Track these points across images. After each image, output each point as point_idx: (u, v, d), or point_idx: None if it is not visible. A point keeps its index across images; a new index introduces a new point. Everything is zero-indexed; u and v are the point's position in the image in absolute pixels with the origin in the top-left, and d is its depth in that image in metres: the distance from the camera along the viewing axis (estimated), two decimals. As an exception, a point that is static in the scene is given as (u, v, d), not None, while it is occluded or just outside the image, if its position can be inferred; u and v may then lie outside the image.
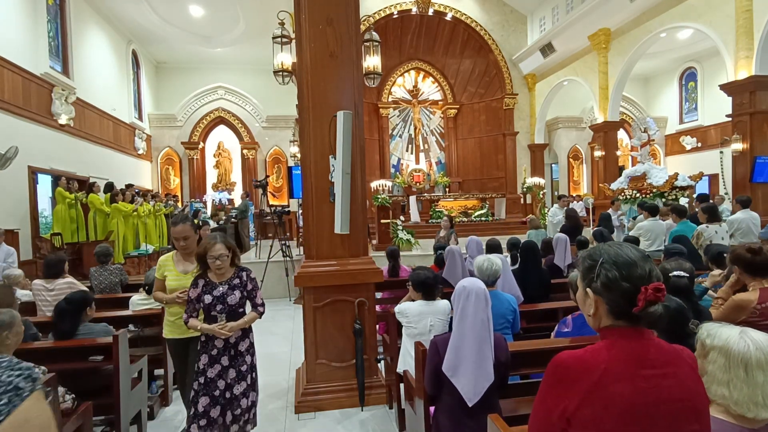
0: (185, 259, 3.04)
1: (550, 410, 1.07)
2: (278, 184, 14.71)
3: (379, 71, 6.54)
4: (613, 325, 1.10)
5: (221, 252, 2.65)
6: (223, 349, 2.68)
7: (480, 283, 2.16)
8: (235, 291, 2.69)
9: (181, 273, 3.01)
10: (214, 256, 2.63)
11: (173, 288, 2.94)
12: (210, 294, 2.66)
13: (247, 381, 2.73)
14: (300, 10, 3.70)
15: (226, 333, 2.60)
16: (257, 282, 2.83)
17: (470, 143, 15.84)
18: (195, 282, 2.71)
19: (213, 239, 2.68)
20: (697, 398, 1.06)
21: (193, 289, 2.70)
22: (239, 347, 2.73)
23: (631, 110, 16.61)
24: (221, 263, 2.65)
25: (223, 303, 2.64)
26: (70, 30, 9.58)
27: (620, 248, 1.12)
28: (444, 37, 14.91)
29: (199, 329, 2.66)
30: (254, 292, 2.79)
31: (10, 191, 7.51)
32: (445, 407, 2.15)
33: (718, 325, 1.47)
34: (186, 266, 3.02)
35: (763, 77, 8.05)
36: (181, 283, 2.95)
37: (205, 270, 2.71)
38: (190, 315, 2.70)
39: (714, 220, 5.40)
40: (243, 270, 2.79)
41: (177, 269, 3.01)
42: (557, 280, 4.42)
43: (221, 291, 2.66)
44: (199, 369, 2.68)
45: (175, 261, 3.04)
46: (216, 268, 2.66)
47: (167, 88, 14.76)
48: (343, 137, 3.41)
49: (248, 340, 2.80)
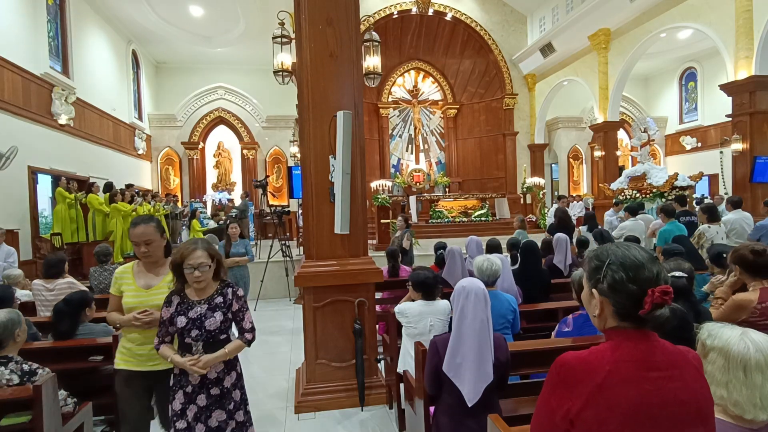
0: (149, 270, 2.43)
1: (554, 411, 1.07)
2: (278, 184, 14.71)
3: (379, 71, 6.54)
4: (619, 327, 1.09)
5: (201, 260, 2.11)
6: (199, 386, 2.15)
7: (479, 283, 2.16)
8: (215, 313, 2.15)
9: (142, 288, 2.37)
10: (192, 265, 2.10)
11: (131, 307, 2.34)
12: (184, 315, 2.12)
13: (237, 419, 2.24)
14: (300, 10, 3.70)
15: (199, 370, 2.06)
16: (246, 301, 2.32)
17: (470, 143, 15.84)
18: (168, 299, 2.20)
19: (193, 244, 2.17)
20: (702, 400, 1.05)
21: (166, 308, 2.18)
22: (225, 383, 2.21)
23: (631, 110, 16.61)
24: (201, 275, 2.11)
25: (200, 328, 2.11)
26: (70, 30, 9.58)
27: (628, 249, 1.10)
28: (444, 37, 14.91)
29: (169, 360, 2.13)
30: (241, 313, 2.26)
31: (10, 191, 7.50)
32: (445, 407, 2.15)
33: (719, 326, 1.46)
34: (149, 280, 2.40)
35: (763, 77, 8.04)
36: (142, 300, 2.34)
37: (182, 284, 2.19)
38: (162, 340, 2.19)
39: (714, 220, 5.41)
40: (228, 286, 2.26)
41: (137, 283, 2.39)
42: (557, 280, 4.42)
43: (198, 312, 2.13)
44: (174, 412, 2.16)
45: (135, 273, 2.42)
46: (194, 282, 2.13)
47: (167, 88, 14.76)
48: (343, 137, 3.40)
49: (235, 373, 2.27)
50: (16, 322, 2.42)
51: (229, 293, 2.24)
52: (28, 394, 2.23)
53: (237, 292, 2.27)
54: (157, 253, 2.42)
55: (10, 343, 2.39)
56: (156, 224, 2.40)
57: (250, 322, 2.29)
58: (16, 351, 2.45)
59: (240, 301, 2.26)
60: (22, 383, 2.32)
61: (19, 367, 2.36)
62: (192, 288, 2.19)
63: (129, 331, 2.38)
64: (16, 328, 2.41)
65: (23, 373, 2.35)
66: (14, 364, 2.36)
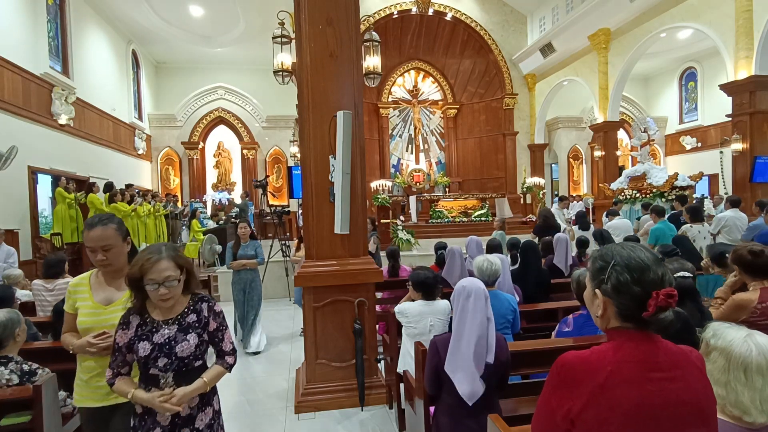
0: (109, 281, 2.01)
1: (554, 411, 1.06)
2: (278, 184, 14.71)
3: (379, 71, 6.54)
4: (621, 327, 1.09)
5: (167, 274, 1.70)
6: (170, 428, 1.74)
7: (479, 283, 2.16)
8: (188, 335, 1.76)
9: (100, 304, 1.97)
10: (155, 279, 1.68)
11: (87, 328, 1.92)
12: (148, 340, 1.71)
13: None
14: (300, 10, 3.70)
15: (173, 407, 1.66)
16: (224, 317, 1.91)
17: (470, 143, 15.83)
18: (125, 319, 1.76)
19: (156, 253, 1.73)
20: (705, 401, 1.05)
21: (122, 331, 1.74)
22: (197, 423, 1.78)
23: (631, 110, 16.61)
24: (167, 292, 1.70)
25: (170, 355, 1.71)
26: (70, 30, 9.57)
27: (633, 250, 1.09)
28: (444, 37, 14.90)
29: (130, 398, 1.71)
30: (220, 333, 1.87)
31: (10, 191, 7.50)
32: (445, 407, 2.15)
33: (726, 326, 1.45)
34: (109, 294, 2.00)
35: (763, 77, 8.04)
36: (100, 320, 1.93)
37: (142, 301, 1.76)
38: (117, 372, 1.76)
39: (697, 220, 5.71)
40: (203, 300, 1.86)
41: (94, 298, 1.98)
42: (557, 280, 4.42)
43: (166, 336, 1.73)
44: None
45: (92, 285, 2.01)
46: (159, 300, 1.71)
47: (167, 88, 14.76)
48: (343, 137, 3.40)
49: (211, 409, 1.85)
50: (16, 322, 2.42)
51: (204, 309, 1.84)
52: (28, 394, 2.23)
53: (214, 307, 1.87)
54: (118, 261, 1.99)
55: (10, 343, 2.40)
56: (117, 225, 1.99)
57: (231, 343, 1.91)
58: (16, 351, 2.46)
59: (218, 319, 1.87)
60: (22, 383, 2.32)
61: (19, 367, 2.36)
62: (156, 306, 1.76)
63: (84, 359, 1.95)
64: (16, 328, 2.42)
65: (23, 373, 2.35)
66: (14, 364, 2.36)
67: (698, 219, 5.74)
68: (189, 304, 1.84)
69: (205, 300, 1.88)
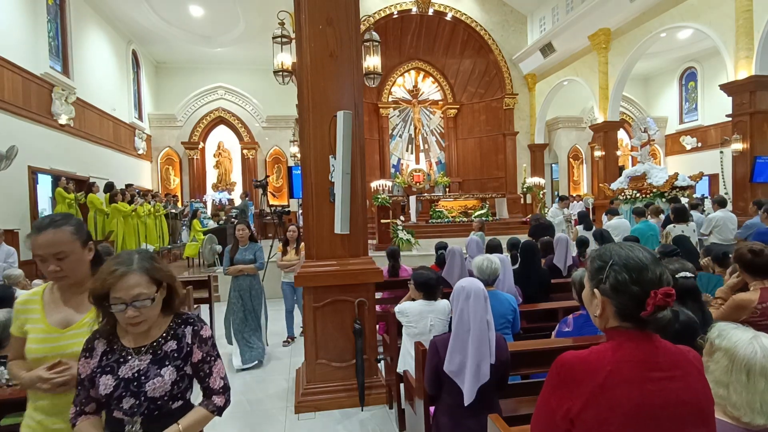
0: (66, 299, 1.60)
1: (554, 411, 1.06)
2: (278, 184, 14.72)
3: (379, 71, 6.54)
4: (620, 327, 1.09)
5: (138, 291, 1.35)
6: None
7: (479, 283, 2.16)
8: (163, 368, 1.39)
9: (56, 327, 1.55)
10: (121, 298, 1.33)
11: (39, 357, 1.51)
12: (112, 374, 1.36)
13: None
14: (300, 10, 3.70)
15: None
16: (214, 344, 1.53)
17: (470, 143, 15.84)
18: (89, 345, 1.41)
19: (123, 264, 1.37)
20: (704, 401, 1.05)
21: (85, 359, 1.39)
22: None
23: (631, 110, 16.61)
24: (137, 314, 1.35)
25: (138, 394, 1.36)
26: (70, 30, 9.58)
27: (631, 250, 1.10)
28: (444, 37, 14.90)
29: None
30: (207, 366, 1.48)
31: (10, 191, 7.50)
32: (445, 407, 2.15)
33: (732, 327, 1.44)
34: (67, 314, 1.58)
35: (763, 77, 8.04)
36: (55, 347, 1.52)
37: (110, 323, 1.41)
38: (81, 411, 1.41)
39: (681, 220, 5.99)
40: (187, 323, 1.49)
41: (48, 319, 1.56)
42: (557, 280, 4.42)
43: (135, 368, 1.38)
44: None
45: (45, 303, 1.59)
46: (128, 323, 1.35)
47: (167, 88, 14.76)
48: (343, 137, 3.40)
49: None
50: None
51: (188, 334, 1.46)
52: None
53: (201, 332, 1.49)
54: (76, 272, 1.58)
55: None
56: (74, 228, 1.58)
57: (222, 379, 1.50)
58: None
59: (205, 347, 1.48)
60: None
61: None
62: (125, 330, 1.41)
63: (37, 396, 1.52)
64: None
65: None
66: None
67: (682, 219, 5.97)
68: (169, 328, 1.46)
69: (189, 323, 1.49)
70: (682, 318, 1.88)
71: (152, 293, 1.39)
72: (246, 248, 4.79)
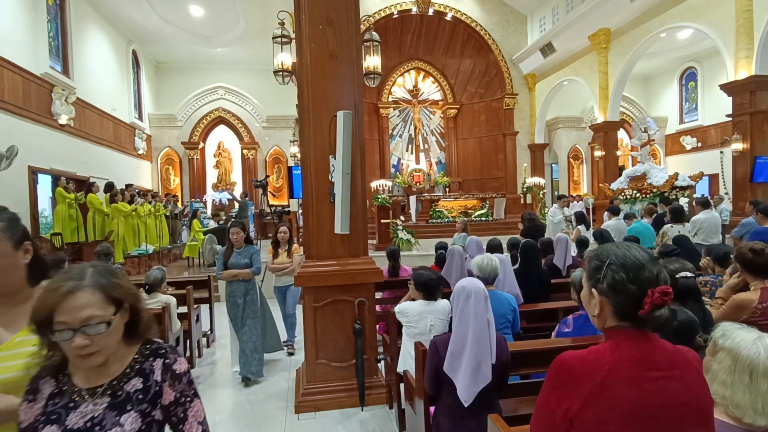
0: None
1: (553, 411, 1.07)
2: (278, 184, 14.72)
3: (379, 71, 6.54)
4: (618, 326, 1.09)
5: (88, 313, 1.06)
6: None
7: (479, 283, 2.16)
8: (123, 415, 1.09)
9: None
10: (66, 322, 1.04)
11: None
12: (58, 423, 1.07)
13: None
14: (300, 10, 3.70)
15: None
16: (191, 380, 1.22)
17: (470, 143, 15.84)
18: (33, 386, 1.12)
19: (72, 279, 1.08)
20: (703, 400, 1.06)
21: (28, 404, 1.10)
22: None
23: (631, 110, 16.61)
24: (88, 343, 1.05)
25: None
26: (70, 30, 9.58)
27: (628, 249, 1.10)
28: (444, 37, 14.90)
29: None
30: (181, 408, 1.18)
31: (10, 191, 7.50)
32: (445, 407, 2.15)
33: (736, 327, 1.43)
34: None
35: (763, 77, 8.04)
36: None
37: (60, 356, 1.11)
38: None
39: (677, 221, 6.07)
40: (156, 354, 1.19)
41: None
42: (557, 280, 4.42)
43: (88, 416, 1.08)
44: None
45: None
46: (77, 354, 1.05)
47: (167, 88, 14.76)
48: (343, 137, 3.40)
49: None
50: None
51: (157, 369, 1.16)
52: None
53: (173, 365, 1.18)
54: (6, 279, 1.30)
55: None
56: (4, 224, 1.31)
57: (199, 424, 1.19)
58: None
59: (179, 384, 1.18)
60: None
61: None
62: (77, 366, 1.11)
63: None
64: None
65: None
66: None
67: (679, 220, 6.06)
68: (133, 361, 1.16)
69: (160, 354, 1.18)
70: (681, 317, 1.88)
71: (108, 316, 1.08)
72: (241, 251, 4.43)
